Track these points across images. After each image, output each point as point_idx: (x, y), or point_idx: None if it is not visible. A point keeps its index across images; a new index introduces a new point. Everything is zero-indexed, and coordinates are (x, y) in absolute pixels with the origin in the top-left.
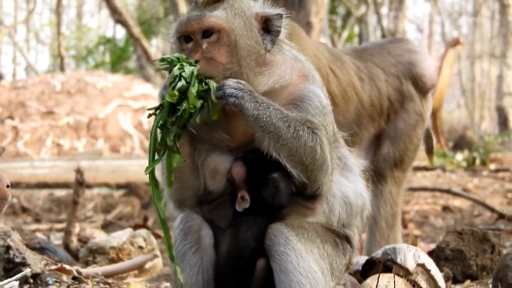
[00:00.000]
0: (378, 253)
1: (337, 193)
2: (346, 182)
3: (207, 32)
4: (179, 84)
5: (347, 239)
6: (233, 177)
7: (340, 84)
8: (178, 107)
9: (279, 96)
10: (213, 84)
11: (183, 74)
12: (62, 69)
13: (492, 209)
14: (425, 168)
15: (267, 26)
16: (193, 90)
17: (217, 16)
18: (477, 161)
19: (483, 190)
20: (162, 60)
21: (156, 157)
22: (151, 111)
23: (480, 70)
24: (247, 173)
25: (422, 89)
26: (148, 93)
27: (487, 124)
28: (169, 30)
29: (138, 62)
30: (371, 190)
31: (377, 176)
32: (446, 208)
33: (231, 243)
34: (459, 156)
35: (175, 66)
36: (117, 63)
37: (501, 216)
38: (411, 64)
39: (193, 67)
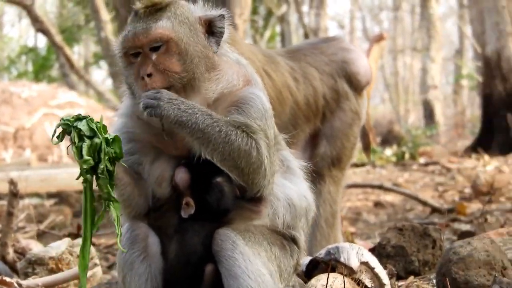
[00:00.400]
0: (321, 253)
1: (280, 195)
2: (289, 185)
3: (155, 44)
4: (85, 148)
5: (293, 241)
6: (177, 184)
7: (275, 86)
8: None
9: (225, 101)
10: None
11: (82, 132)
12: None
13: (425, 203)
14: (355, 165)
15: (211, 29)
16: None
17: (163, 27)
18: (406, 156)
19: (413, 184)
20: (58, 135)
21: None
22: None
23: (403, 64)
24: (191, 178)
25: (357, 87)
26: (73, 101)
27: (413, 118)
28: (115, 46)
29: (61, 70)
30: None
31: (315, 175)
32: (378, 204)
33: (178, 249)
34: (388, 151)
35: (69, 131)
36: (40, 72)
37: (435, 210)
38: (345, 63)
39: (83, 120)
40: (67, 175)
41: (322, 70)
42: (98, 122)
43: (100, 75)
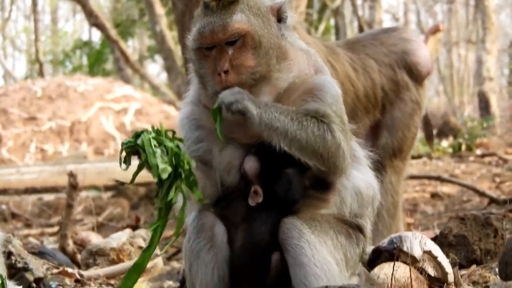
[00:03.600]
0: (384, 242)
1: (348, 184)
2: (356, 173)
3: (232, 39)
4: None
5: (359, 229)
6: (246, 172)
7: (338, 77)
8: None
9: (297, 89)
10: None
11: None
12: (41, 74)
13: (483, 194)
14: (412, 156)
15: (279, 16)
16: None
17: (240, 21)
18: (463, 147)
19: (470, 175)
20: (125, 160)
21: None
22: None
23: (457, 56)
24: (260, 167)
25: (418, 77)
26: (129, 95)
27: (469, 110)
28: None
29: (115, 64)
30: None
31: (376, 166)
32: (435, 195)
33: (245, 238)
34: (445, 143)
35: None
36: (94, 66)
37: (493, 200)
38: (404, 53)
39: (144, 133)
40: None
41: (381, 61)
42: (157, 129)
43: (155, 69)
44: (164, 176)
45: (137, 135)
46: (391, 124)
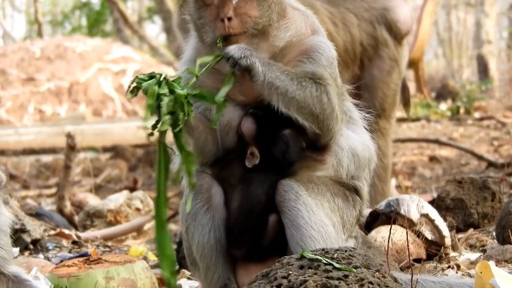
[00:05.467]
0: (381, 205)
1: (344, 145)
2: (353, 135)
3: None
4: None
5: (356, 191)
6: (243, 133)
7: None
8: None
9: (293, 49)
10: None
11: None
12: (40, 35)
13: (481, 157)
14: (410, 119)
15: None
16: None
17: None
18: (461, 110)
19: (469, 138)
20: (132, 91)
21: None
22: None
23: (456, 19)
24: (257, 129)
25: (397, 34)
26: (127, 56)
27: (467, 73)
28: None
29: (114, 25)
30: None
31: None
32: (433, 158)
33: (242, 199)
34: (443, 106)
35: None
36: (93, 26)
37: (491, 164)
38: (385, 10)
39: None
40: (122, 129)
41: (361, 16)
42: (170, 77)
43: (154, 30)
44: (164, 127)
45: (152, 76)
46: (370, 84)
